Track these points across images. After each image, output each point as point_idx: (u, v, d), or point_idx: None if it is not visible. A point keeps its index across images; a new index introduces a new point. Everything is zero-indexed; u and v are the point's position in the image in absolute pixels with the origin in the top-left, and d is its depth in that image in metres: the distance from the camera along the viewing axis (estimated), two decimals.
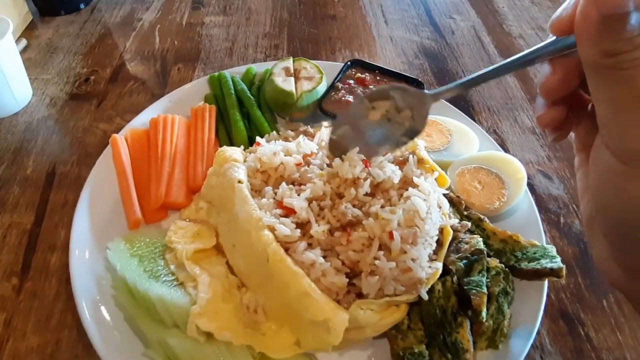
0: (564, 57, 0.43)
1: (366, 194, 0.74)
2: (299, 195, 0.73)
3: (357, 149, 0.75)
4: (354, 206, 0.72)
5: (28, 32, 1.38)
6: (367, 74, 1.09)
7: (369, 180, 0.73)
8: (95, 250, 0.80)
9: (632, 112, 0.35)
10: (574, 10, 0.36)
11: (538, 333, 0.78)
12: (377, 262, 0.67)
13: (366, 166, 0.75)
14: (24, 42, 1.32)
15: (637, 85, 0.34)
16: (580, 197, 0.48)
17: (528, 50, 0.46)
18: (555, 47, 0.43)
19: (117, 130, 1.01)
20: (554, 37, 0.43)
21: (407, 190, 0.74)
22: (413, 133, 0.71)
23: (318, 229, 0.69)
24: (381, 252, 0.68)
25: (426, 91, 0.66)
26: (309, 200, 0.73)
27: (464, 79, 0.58)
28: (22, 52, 1.30)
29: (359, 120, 0.73)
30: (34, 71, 1.25)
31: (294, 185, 0.77)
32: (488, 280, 0.73)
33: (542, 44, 0.44)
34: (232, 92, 1.05)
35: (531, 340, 0.71)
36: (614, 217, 0.39)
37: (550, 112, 0.45)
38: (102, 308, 0.73)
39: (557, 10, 0.40)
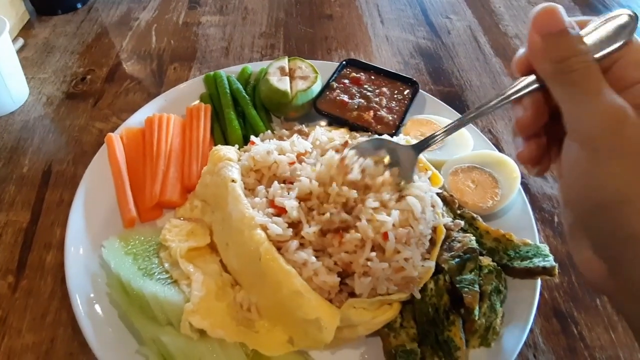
0: (531, 95, 0.50)
1: (356, 185, 0.72)
2: (289, 193, 0.73)
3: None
4: (343, 204, 0.71)
5: (25, 31, 1.38)
6: (362, 74, 1.10)
7: (357, 165, 0.71)
8: (90, 248, 0.80)
9: (585, 104, 0.42)
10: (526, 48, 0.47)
11: (531, 331, 0.78)
12: (370, 263, 0.67)
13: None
14: (20, 41, 1.33)
15: (589, 80, 0.42)
16: (562, 211, 0.52)
17: (500, 95, 0.54)
18: (520, 87, 0.50)
19: (113, 129, 1.01)
20: (519, 79, 0.50)
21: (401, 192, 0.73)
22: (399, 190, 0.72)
23: (309, 230, 0.69)
24: (374, 254, 0.68)
25: (410, 145, 0.71)
26: (299, 199, 0.73)
27: (444, 128, 0.65)
28: (19, 51, 1.30)
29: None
30: (31, 70, 1.25)
31: (285, 183, 0.77)
32: (480, 278, 0.74)
33: (510, 87, 0.51)
34: (228, 91, 1.06)
35: (524, 339, 0.72)
36: (585, 199, 0.44)
37: (529, 147, 0.51)
38: (97, 305, 0.73)
39: (514, 57, 0.50)
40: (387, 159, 0.72)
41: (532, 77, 0.49)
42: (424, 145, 0.70)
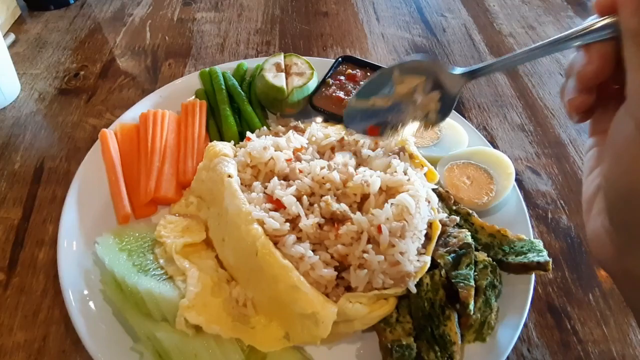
0: (600, 44, 0.42)
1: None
2: (287, 190, 0.74)
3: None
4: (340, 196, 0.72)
5: (16, 26, 1.36)
6: (357, 70, 1.10)
7: (353, 161, 0.71)
8: (83, 245, 0.80)
9: None
10: None
11: (525, 326, 0.79)
12: (365, 255, 0.68)
13: (376, 142, 0.73)
14: (12, 36, 1.31)
15: None
16: (585, 177, 0.48)
17: (567, 32, 0.46)
18: (594, 29, 0.43)
19: (107, 126, 1.00)
20: (593, 20, 0.43)
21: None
22: (439, 117, 0.65)
23: (307, 222, 0.69)
24: (370, 246, 0.69)
25: (459, 71, 0.61)
26: (298, 195, 0.73)
27: (498, 60, 0.56)
28: (10, 46, 1.28)
29: (385, 90, 0.66)
30: (23, 66, 1.23)
31: (285, 180, 0.77)
32: (476, 273, 0.74)
33: (581, 26, 0.44)
34: (223, 87, 1.05)
35: (518, 333, 0.72)
36: (623, 193, 0.40)
37: (582, 97, 0.45)
38: (90, 302, 0.73)
39: None
40: (428, 83, 0.64)
41: (612, 20, 0.41)
42: (474, 74, 0.60)
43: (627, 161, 0.39)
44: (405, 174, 0.75)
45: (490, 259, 0.77)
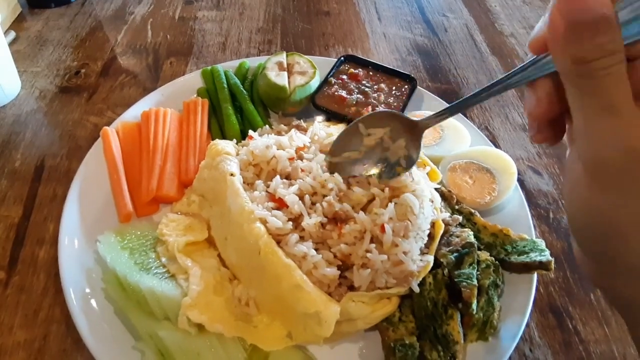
0: (544, 80, 0.42)
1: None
2: (289, 189, 0.73)
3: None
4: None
5: (17, 24, 1.36)
6: (360, 70, 1.10)
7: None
8: (85, 243, 0.79)
9: (599, 123, 0.35)
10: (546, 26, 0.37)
11: (527, 326, 0.79)
12: (369, 255, 0.68)
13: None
14: (12, 34, 1.30)
15: (606, 95, 0.34)
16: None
17: (511, 72, 0.46)
18: (535, 67, 0.43)
19: (108, 124, 0.99)
20: (533, 57, 0.43)
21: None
22: (408, 163, 0.71)
23: (310, 221, 0.69)
24: (373, 245, 0.69)
25: (418, 120, 0.68)
26: (301, 194, 0.73)
27: (450, 105, 0.62)
28: (11, 44, 1.28)
29: (356, 145, 0.73)
30: (23, 64, 1.23)
31: (287, 179, 0.77)
32: (478, 273, 0.74)
33: (522, 65, 0.44)
34: (225, 86, 1.05)
35: (520, 333, 0.72)
36: (581, 231, 0.41)
37: (542, 134, 0.45)
38: (92, 301, 0.72)
39: (533, 30, 0.41)
40: (391, 131, 0.71)
41: (549, 58, 0.41)
42: (429, 122, 0.66)
43: (578, 202, 0.40)
44: (410, 174, 0.75)
45: (493, 259, 0.77)
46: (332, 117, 1.02)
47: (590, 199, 0.38)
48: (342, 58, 1.12)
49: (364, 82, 1.07)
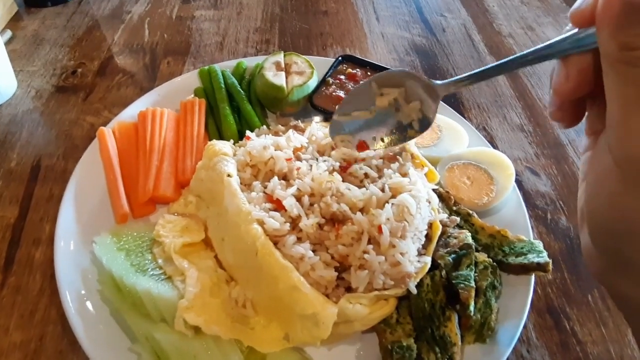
0: (579, 56, 0.40)
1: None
2: (287, 190, 0.73)
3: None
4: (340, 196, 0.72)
5: (13, 23, 1.35)
6: (358, 70, 1.09)
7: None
8: (80, 244, 0.79)
9: (638, 116, 0.32)
10: (595, 1, 0.34)
11: (525, 327, 0.79)
12: (366, 256, 0.67)
13: (364, 149, 0.71)
14: (8, 33, 1.29)
15: None
16: (580, 182, 0.45)
17: (544, 44, 0.44)
18: (572, 41, 0.40)
19: (105, 124, 0.99)
20: (572, 31, 0.40)
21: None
22: (422, 125, 0.66)
23: (307, 222, 0.69)
24: (370, 246, 0.68)
25: (438, 82, 0.63)
26: (299, 195, 0.73)
27: (475, 71, 0.56)
28: (7, 43, 1.27)
29: (366, 104, 0.68)
30: (19, 63, 1.22)
31: (284, 180, 0.77)
32: (476, 274, 0.74)
33: (559, 37, 0.41)
34: (222, 86, 1.04)
35: (518, 334, 0.72)
36: (601, 224, 0.39)
37: (562, 112, 0.43)
38: (88, 302, 0.72)
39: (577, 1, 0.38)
40: (406, 92, 0.66)
41: (590, 33, 0.38)
42: (451, 85, 0.62)
43: (605, 195, 0.37)
44: (407, 174, 0.75)
45: (491, 260, 0.77)
46: (330, 117, 1.01)
47: (619, 194, 0.35)
48: (340, 58, 1.12)
49: (361, 82, 1.07)
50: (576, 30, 0.40)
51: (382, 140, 0.71)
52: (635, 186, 0.34)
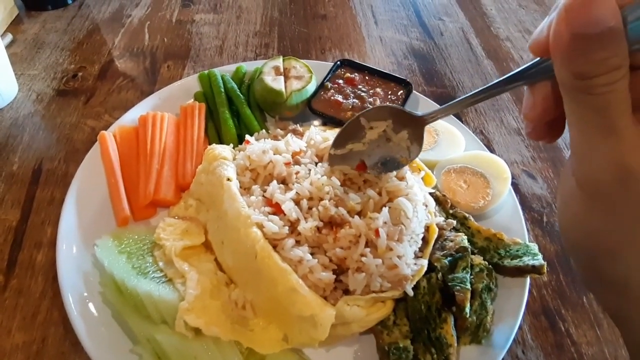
0: (543, 83, 0.41)
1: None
2: (286, 194, 0.74)
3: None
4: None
5: (14, 26, 1.36)
6: (356, 74, 1.11)
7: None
8: (82, 247, 0.80)
9: (596, 141, 0.34)
10: (549, 30, 0.35)
11: (520, 328, 0.80)
12: (363, 259, 0.69)
13: (362, 169, 0.75)
14: (9, 36, 1.30)
15: (605, 114, 0.33)
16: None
17: (510, 74, 0.46)
18: (538, 69, 0.41)
19: (106, 127, 1.00)
20: (535, 59, 0.42)
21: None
22: (412, 152, 0.71)
23: (306, 226, 0.70)
24: (368, 249, 0.69)
25: (419, 113, 0.68)
26: (297, 199, 0.74)
27: (451, 103, 0.61)
28: (8, 47, 1.28)
29: (359, 137, 0.73)
30: (20, 67, 1.23)
31: (283, 183, 0.78)
32: (472, 277, 0.75)
33: (526, 65, 0.43)
34: (222, 90, 1.06)
35: (513, 336, 0.73)
36: (572, 241, 0.41)
37: (537, 132, 0.44)
38: (90, 304, 0.73)
39: (535, 30, 0.39)
40: (393, 124, 0.71)
41: (549, 63, 0.38)
42: (433, 117, 0.66)
43: (570, 215, 0.39)
44: (404, 178, 0.76)
45: (486, 263, 0.78)
46: (329, 121, 1.03)
47: (582, 214, 0.37)
48: (339, 62, 1.13)
49: (360, 86, 1.08)
50: (538, 60, 0.41)
51: (378, 167, 0.76)
52: (596, 208, 0.36)
